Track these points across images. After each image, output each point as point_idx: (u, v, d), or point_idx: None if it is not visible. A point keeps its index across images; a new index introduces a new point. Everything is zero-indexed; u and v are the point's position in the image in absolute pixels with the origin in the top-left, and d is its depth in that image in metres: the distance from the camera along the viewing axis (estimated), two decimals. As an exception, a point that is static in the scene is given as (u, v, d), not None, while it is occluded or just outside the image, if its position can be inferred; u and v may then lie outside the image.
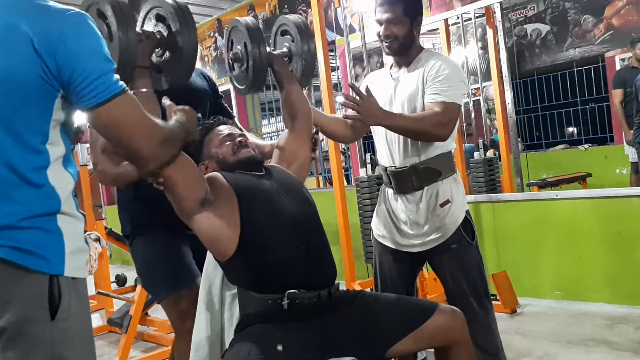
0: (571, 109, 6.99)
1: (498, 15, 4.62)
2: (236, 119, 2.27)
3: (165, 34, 1.66)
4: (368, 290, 3.46)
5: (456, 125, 2.13)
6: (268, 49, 1.98)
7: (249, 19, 1.95)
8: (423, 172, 2.11)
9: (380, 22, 2.14)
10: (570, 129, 7.62)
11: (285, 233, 1.66)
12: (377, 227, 2.27)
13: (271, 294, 1.59)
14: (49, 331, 1.11)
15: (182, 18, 1.63)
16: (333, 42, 5.09)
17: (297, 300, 1.58)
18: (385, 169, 2.21)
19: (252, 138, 2.23)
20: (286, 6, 5.63)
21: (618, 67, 5.85)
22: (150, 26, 1.69)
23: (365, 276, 3.76)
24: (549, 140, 7.24)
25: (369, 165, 3.62)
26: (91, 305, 4.44)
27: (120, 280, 5.90)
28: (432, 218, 2.10)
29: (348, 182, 5.45)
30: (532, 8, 6.70)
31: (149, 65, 1.64)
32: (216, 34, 6.50)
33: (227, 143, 1.80)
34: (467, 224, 2.11)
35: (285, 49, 2.07)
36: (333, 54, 5.34)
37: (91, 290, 4.26)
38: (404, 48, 2.15)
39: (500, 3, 4.49)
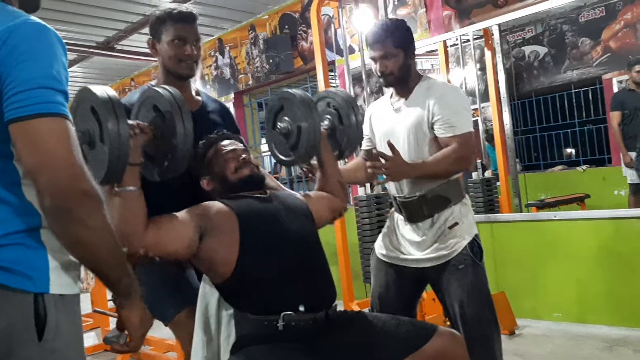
0: (569, 130, 7.01)
1: (496, 37, 4.66)
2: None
3: (160, 125, 1.60)
4: (366, 310, 3.46)
5: None
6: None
7: (302, 92, 1.91)
8: (433, 200, 2.11)
9: (374, 60, 2.16)
10: (569, 150, 7.65)
11: (283, 256, 1.66)
12: (382, 247, 2.26)
13: (267, 315, 1.58)
14: (37, 352, 1.05)
15: (179, 114, 1.58)
16: (333, 62, 5.13)
17: (292, 322, 1.57)
18: (395, 198, 2.21)
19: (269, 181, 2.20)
20: (286, 26, 5.68)
21: (615, 89, 5.89)
22: (143, 117, 1.65)
23: (363, 296, 3.74)
24: (547, 161, 7.26)
25: (367, 185, 3.62)
26: (87, 324, 4.46)
27: (115, 304, 5.84)
28: (440, 239, 2.10)
29: (347, 201, 5.45)
30: (530, 30, 6.76)
31: (139, 162, 1.56)
32: (217, 53, 6.54)
33: (230, 160, 1.79)
34: (474, 246, 2.09)
35: (327, 122, 2.06)
36: (333, 74, 5.37)
37: (88, 308, 4.24)
38: (402, 79, 2.16)
39: (499, 25, 4.54)
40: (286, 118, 1.89)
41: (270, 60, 5.66)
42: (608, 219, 3.54)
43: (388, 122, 2.20)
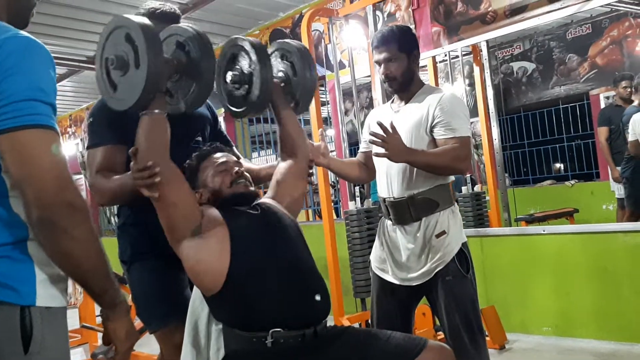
0: (557, 145, 7.08)
1: (485, 53, 4.72)
2: (234, 147, 2.28)
3: (183, 60, 1.69)
4: (357, 325, 3.45)
5: None
6: None
7: (254, 39, 1.90)
8: (421, 202, 2.12)
9: (378, 63, 2.19)
10: (557, 165, 7.71)
11: (273, 272, 1.66)
12: (376, 260, 2.27)
13: (256, 332, 1.58)
14: None
15: (202, 46, 1.67)
16: (323, 77, 5.16)
17: (281, 339, 1.57)
18: (384, 199, 2.22)
19: (245, 163, 2.23)
20: (277, 42, 5.71)
21: (602, 105, 5.96)
22: (167, 51, 1.72)
23: (354, 311, 3.73)
24: (536, 175, 7.31)
25: (358, 199, 3.63)
26: (75, 339, 4.40)
27: (102, 319, 5.78)
28: (428, 249, 2.10)
29: (337, 216, 5.45)
30: (518, 47, 6.84)
31: (164, 90, 1.67)
32: (207, 68, 6.56)
33: (223, 173, 1.79)
34: (462, 256, 2.10)
35: (281, 74, 2.04)
36: (323, 88, 5.40)
37: (75, 324, 4.19)
38: (406, 84, 2.19)
39: (487, 41, 4.59)
40: (238, 67, 1.87)
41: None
42: (597, 233, 3.56)
43: (387, 123, 2.22)
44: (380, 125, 2.00)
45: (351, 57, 3.97)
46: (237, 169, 1.80)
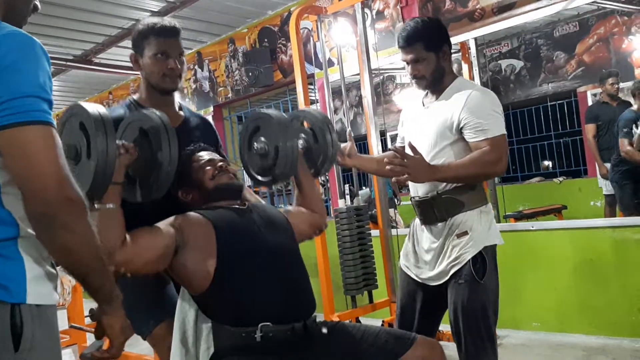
0: (545, 143, 7.13)
1: (473, 51, 4.73)
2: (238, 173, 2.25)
3: (144, 149, 1.63)
4: (347, 322, 3.45)
5: None
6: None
7: (276, 112, 1.91)
8: (444, 202, 2.04)
9: (406, 62, 2.10)
10: (546, 162, 7.75)
11: (261, 266, 1.66)
12: (403, 256, 2.24)
13: (245, 327, 1.58)
14: None
15: (165, 135, 1.62)
16: (312, 75, 5.15)
17: (270, 333, 1.57)
18: (412, 198, 2.18)
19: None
20: (266, 40, 5.70)
21: (590, 102, 6.01)
22: (130, 137, 1.66)
23: (344, 308, 3.73)
24: (525, 172, 7.35)
25: (347, 197, 3.63)
26: (64, 340, 4.37)
27: (95, 314, 5.74)
28: (447, 248, 2.03)
29: (327, 214, 5.45)
30: (506, 44, 6.88)
31: (121, 182, 1.58)
32: (196, 67, 6.53)
33: (207, 168, 1.80)
34: (478, 261, 2.00)
35: (302, 141, 2.04)
36: (312, 87, 5.40)
37: (64, 325, 4.16)
38: (436, 82, 2.09)
39: (475, 39, 4.60)
40: (262, 138, 1.88)
41: (250, 74, 5.66)
42: (585, 229, 3.58)
43: (417, 119, 2.16)
44: (396, 150, 1.95)
45: (340, 55, 3.97)
46: (220, 163, 1.81)
